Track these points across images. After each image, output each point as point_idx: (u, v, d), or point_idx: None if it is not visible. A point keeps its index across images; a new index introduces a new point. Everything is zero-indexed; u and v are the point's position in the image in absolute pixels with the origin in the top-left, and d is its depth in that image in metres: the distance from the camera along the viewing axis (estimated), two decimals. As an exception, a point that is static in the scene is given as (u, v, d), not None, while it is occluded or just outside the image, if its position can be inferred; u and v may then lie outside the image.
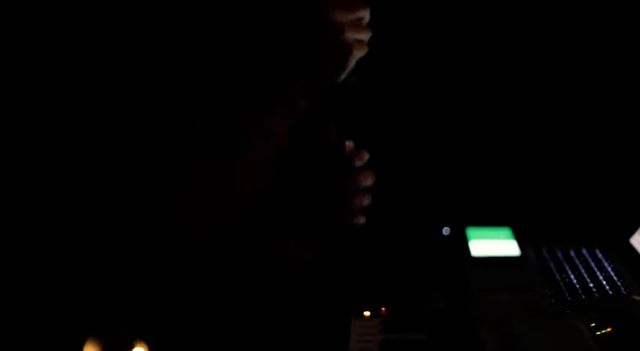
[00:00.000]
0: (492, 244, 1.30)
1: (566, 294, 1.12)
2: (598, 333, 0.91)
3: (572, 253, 1.27)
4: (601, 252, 1.27)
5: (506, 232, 1.34)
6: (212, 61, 0.89)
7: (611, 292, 1.11)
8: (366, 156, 0.98)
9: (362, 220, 0.99)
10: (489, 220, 1.39)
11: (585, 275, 1.18)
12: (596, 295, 1.11)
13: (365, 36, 0.87)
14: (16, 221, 0.80)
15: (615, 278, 1.16)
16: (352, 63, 0.87)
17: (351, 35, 0.85)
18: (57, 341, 0.79)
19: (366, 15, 0.88)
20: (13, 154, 0.82)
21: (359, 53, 0.87)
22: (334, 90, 0.91)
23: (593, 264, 1.22)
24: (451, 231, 1.37)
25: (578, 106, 1.46)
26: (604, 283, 1.15)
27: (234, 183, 0.85)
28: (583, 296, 1.11)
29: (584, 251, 1.28)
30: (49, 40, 0.85)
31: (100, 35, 0.86)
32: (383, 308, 0.99)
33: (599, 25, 1.41)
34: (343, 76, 0.88)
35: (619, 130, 1.46)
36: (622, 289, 1.13)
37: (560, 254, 1.27)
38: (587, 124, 1.47)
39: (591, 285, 1.14)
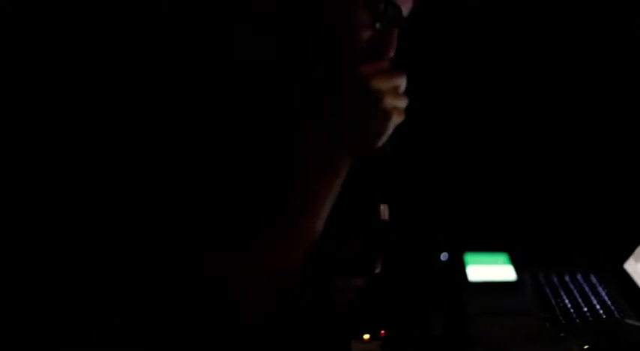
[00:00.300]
0: (490, 269, 1.33)
1: (561, 318, 1.15)
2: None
3: (567, 279, 1.30)
4: (595, 277, 1.30)
5: (503, 257, 1.37)
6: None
7: (604, 316, 1.14)
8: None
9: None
10: (487, 245, 1.42)
11: (580, 300, 1.21)
12: (590, 319, 1.13)
13: (403, 103, 0.88)
14: (16, 221, 0.81)
15: (609, 303, 1.19)
16: (390, 129, 0.88)
17: (390, 102, 0.86)
18: (57, 341, 0.79)
19: (403, 83, 0.89)
20: (13, 155, 0.82)
21: (397, 120, 0.88)
22: (371, 155, 0.91)
23: (587, 289, 1.25)
24: (449, 256, 1.39)
25: (577, 119, 1.48)
26: (598, 307, 1.18)
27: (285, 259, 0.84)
28: (577, 320, 1.13)
29: (579, 276, 1.30)
30: (49, 40, 0.86)
31: (100, 35, 0.87)
32: (382, 331, 1.02)
33: (599, 25, 1.43)
34: (381, 143, 0.88)
35: (614, 155, 1.49)
36: (615, 313, 1.15)
37: (555, 279, 1.30)
38: (583, 147, 1.50)
39: (585, 309, 1.17)
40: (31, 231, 0.81)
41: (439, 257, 1.39)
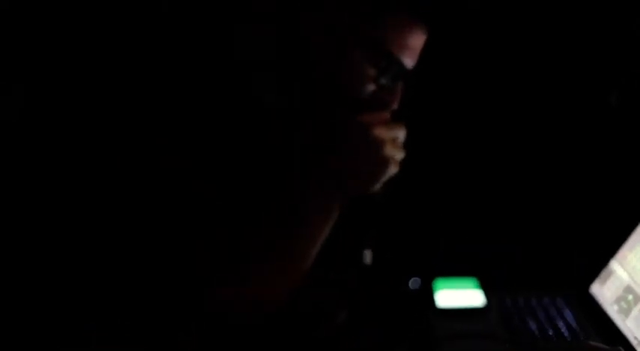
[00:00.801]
0: (458, 294, 1.34)
1: (527, 341, 1.16)
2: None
3: (533, 303, 1.31)
4: (562, 300, 1.32)
5: (472, 282, 1.39)
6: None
7: (569, 339, 1.16)
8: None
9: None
10: (457, 271, 1.44)
11: (545, 323, 1.22)
12: (555, 341, 1.15)
13: (400, 155, 0.91)
14: (16, 221, 0.81)
15: (574, 325, 1.21)
16: (385, 179, 0.90)
17: (389, 151, 0.89)
18: (57, 341, 0.79)
19: (402, 134, 0.91)
20: (13, 155, 0.83)
21: (393, 170, 0.90)
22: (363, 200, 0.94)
23: (553, 312, 1.27)
24: (420, 282, 1.41)
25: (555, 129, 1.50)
26: (563, 330, 1.19)
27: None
28: (543, 343, 1.15)
29: (546, 300, 1.32)
30: (49, 40, 0.87)
31: (101, 35, 0.88)
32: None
33: (599, 25, 1.44)
34: (375, 189, 0.91)
35: (582, 178, 1.51)
36: (581, 335, 1.17)
37: (522, 303, 1.31)
38: (549, 171, 1.52)
39: (550, 332, 1.18)
40: (31, 231, 0.82)
41: (409, 283, 1.41)
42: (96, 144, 0.84)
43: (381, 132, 0.89)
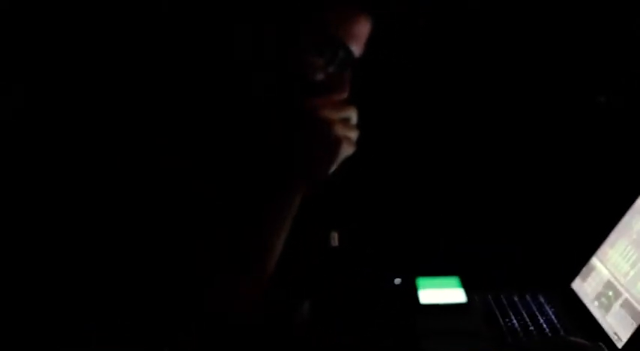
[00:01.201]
0: (440, 292, 1.34)
1: (508, 337, 1.17)
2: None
3: (515, 299, 1.32)
4: (543, 297, 1.32)
5: (454, 280, 1.39)
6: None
7: (550, 335, 1.16)
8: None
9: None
10: (439, 270, 1.44)
11: (527, 319, 1.23)
12: (536, 337, 1.16)
13: (354, 134, 0.90)
14: (16, 221, 0.81)
15: (555, 321, 1.21)
16: (340, 158, 0.89)
17: (340, 131, 0.88)
18: (57, 341, 0.79)
19: (353, 115, 0.90)
20: (13, 155, 0.83)
21: (348, 150, 0.89)
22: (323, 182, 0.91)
23: (535, 309, 1.27)
24: (402, 281, 1.41)
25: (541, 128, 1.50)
26: (545, 326, 1.20)
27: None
28: (524, 339, 1.16)
29: (528, 297, 1.33)
30: (49, 40, 0.86)
31: (101, 35, 0.88)
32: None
33: (599, 25, 1.45)
34: (331, 171, 0.90)
35: (564, 175, 1.52)
36: (561, 331, 1.18)
37: (504, 300, 1.32)
38: (531, 167, 1.53)
39: (532, 328, 1.19)
40: (31, 231, 0.81)
41: (392, 282, 1.41)
42: (96, 144, 0.83)
43: (330, 113, 0.88)
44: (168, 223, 0.81)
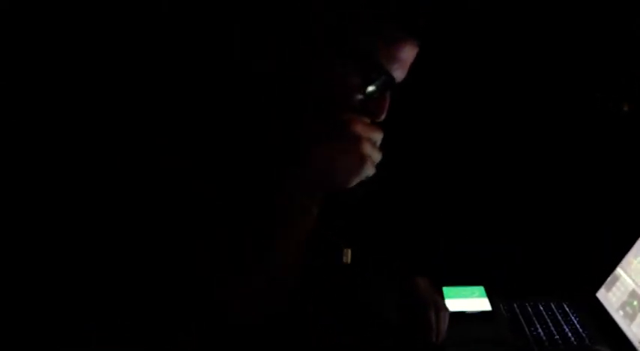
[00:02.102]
0: (466, 301, 1.36)
1: (534, 346, 1.18)
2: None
3: (541, 308, 1.33)
4: (568, 306, 1.34)
5: (479, 290, 1.41)
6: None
7: (575, 344, 1.18)
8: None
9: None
10: (464, 279, 1.46)
11: (552, 328, 1.24)
12: (561, 346, 1.17)
13: (378, 157, 0.90)
14: (16, 221, 0.82)
15: (581, 330, 1.23)
16: (362, 176, 0.90)
17: (368, 150, 0.88)
18: (57, 341, 0.80)
19: (379, 138, 0.91)
20: (14, 155, 0.84)
21: (369, 170, 0.90)
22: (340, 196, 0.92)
23: (560, 317, 1.29)
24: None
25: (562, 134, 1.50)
26: (570, 335, 1.21)
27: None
28: (549, 347, 1.17)
29: (553, 305, 1.34)
30: (50, 40, 0.87)
31: (101, 35, 0.88)
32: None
33: (599, 25, 1.45)
34: (352, 185, 0.90)
35: (588, 184, 1.53)
36: (586, 340, 1.19)
37: (530, 309, 1.33)
38: (555, 176, 1.53)
39: (557, 337, 1.20)
40: (31, 231, 0.82)
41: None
42: (96, 144, 0.85)
43: (362, 130, 0.89)
44: (168, 223, 0.81)
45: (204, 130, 0.88)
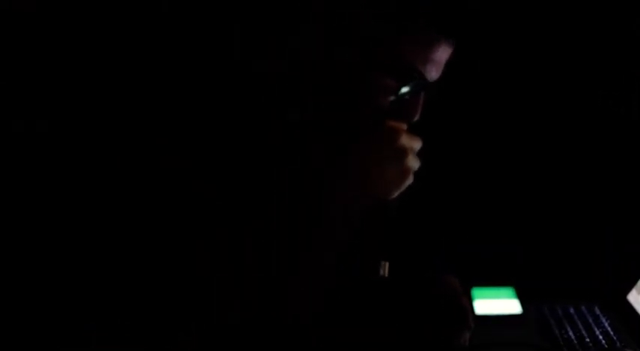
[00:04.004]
0: (496, 303, 1.37)
1: (565, 349, 1.18)
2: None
3: (571, 311, 1.33)
4: (599, 309, 1.33)
5: (509, 291, 1.41)
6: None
7: (606, 347, 1.17)
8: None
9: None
10: (494, 280, 1.46)
11: (583, 331, 1.24)
12: (592, 349, 1.17)
13: (417, 166, 0.91)
14: (16, 221, 0.83)
15: (612, 333, 1.22)
16: (404, 187, 0.91)
17: (412, 162, 0.89)
18: (57, 341, 0.80)
19: (419, 146, 0.92)
20: (14, 155, 0.85)
21: (411, 180, 0.91)
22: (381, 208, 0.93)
23: (591, 320, 1.28)
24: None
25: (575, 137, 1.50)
26: (601, 338, 1.21)
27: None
28: (580, 351, 1.17)
29: (583, 308, 1.34)
30: (50, 40, 0.88)
31: (101, 35, 0.89)
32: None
33: (599, 25, 1.44)
34: (393, 197, 0.91)
35: (616, 185, 1.52)
36: (617, 343, 1.19)
37: (560, 311, 1.33)
38: (583, 177, 1.52)
39: (588, 340, 1.20)
40: (32, 231, 0.83)
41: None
42: (96, 144, 0.85)
43: (408, 142, 0.90)
44: (168, 224, 0.82)
45: (204, 130, 0.88)
